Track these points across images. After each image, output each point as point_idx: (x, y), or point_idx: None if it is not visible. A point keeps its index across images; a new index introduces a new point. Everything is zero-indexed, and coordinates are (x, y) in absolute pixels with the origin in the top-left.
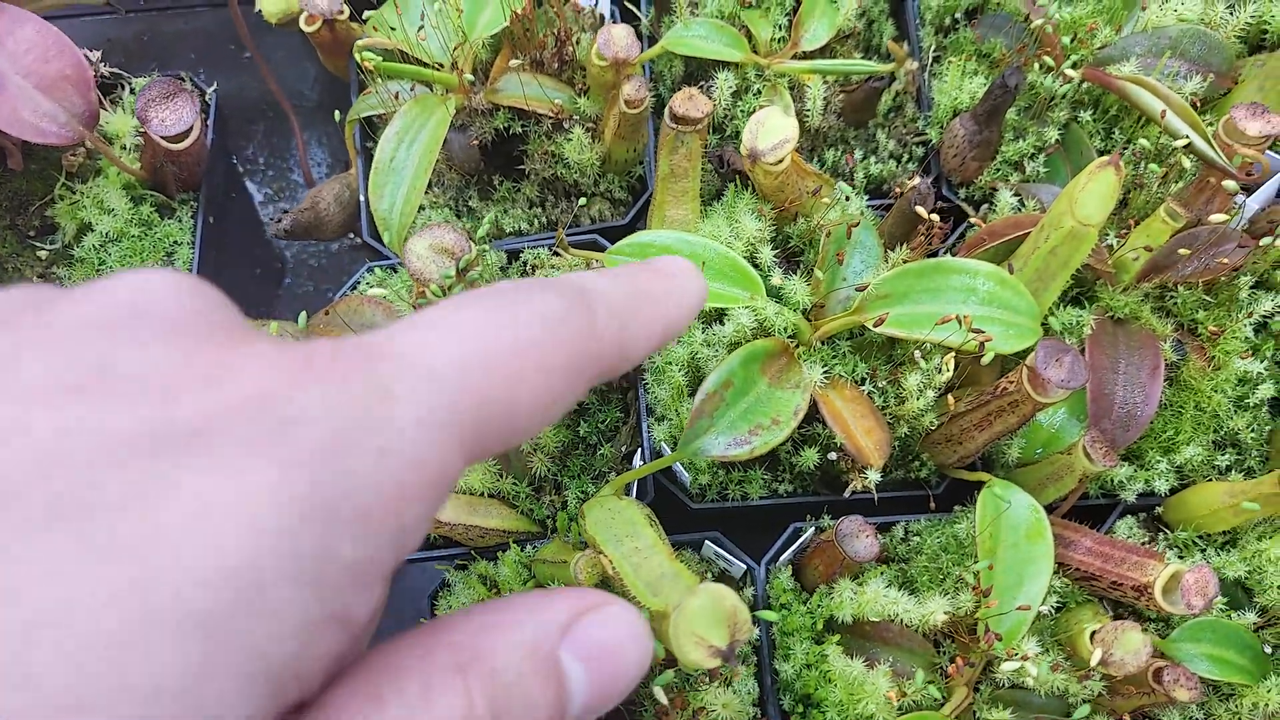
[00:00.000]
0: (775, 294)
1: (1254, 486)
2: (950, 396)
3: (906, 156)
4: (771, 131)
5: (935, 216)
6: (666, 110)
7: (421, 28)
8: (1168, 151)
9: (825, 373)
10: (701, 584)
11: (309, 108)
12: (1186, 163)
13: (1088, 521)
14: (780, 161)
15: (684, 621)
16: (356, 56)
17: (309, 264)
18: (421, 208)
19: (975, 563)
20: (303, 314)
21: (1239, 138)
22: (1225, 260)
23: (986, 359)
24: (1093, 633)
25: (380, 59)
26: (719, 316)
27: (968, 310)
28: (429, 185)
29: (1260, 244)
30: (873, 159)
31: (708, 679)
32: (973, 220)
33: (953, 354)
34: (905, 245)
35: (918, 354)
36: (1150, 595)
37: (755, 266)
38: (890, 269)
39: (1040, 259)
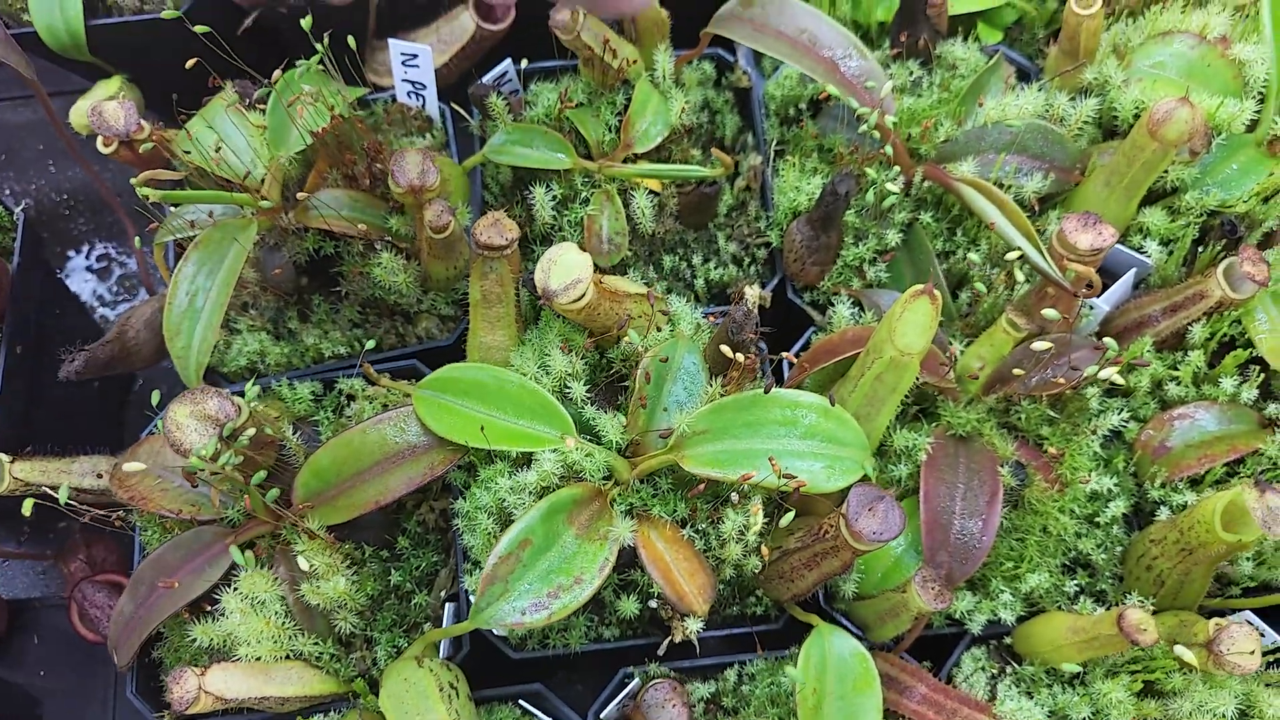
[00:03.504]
0: (589, 430)
1: (1094, 625)
2: (764, 547)
3: (749, 259)
4: (564, 270)
5: (740, 355)
6: (472, 236)
7: (219, 149)
8: (1003, 258)
9: (644, 513)
10: None
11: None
12: (1020, 274)
13: (934, 653)
14: (577, 300)
15: None
16: (137, 189)
17: (162, 365)
18: (238, 331)
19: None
20: (63, 488)
21: (1071, 251)
22: (1061, 380)
23: (785, 520)
24: None
25: (179, 184)
26: (526, 461)
27: (790, 445)
28: (245, 307)
29: (1088, 373)
30: (712, 263)
31: None
32: (818, 324)
33: (759, 505)
34: (720, 378)
35: (735, 496)
36: None
37: (568, 401)
38: (706, 402)
39: (868, 384)
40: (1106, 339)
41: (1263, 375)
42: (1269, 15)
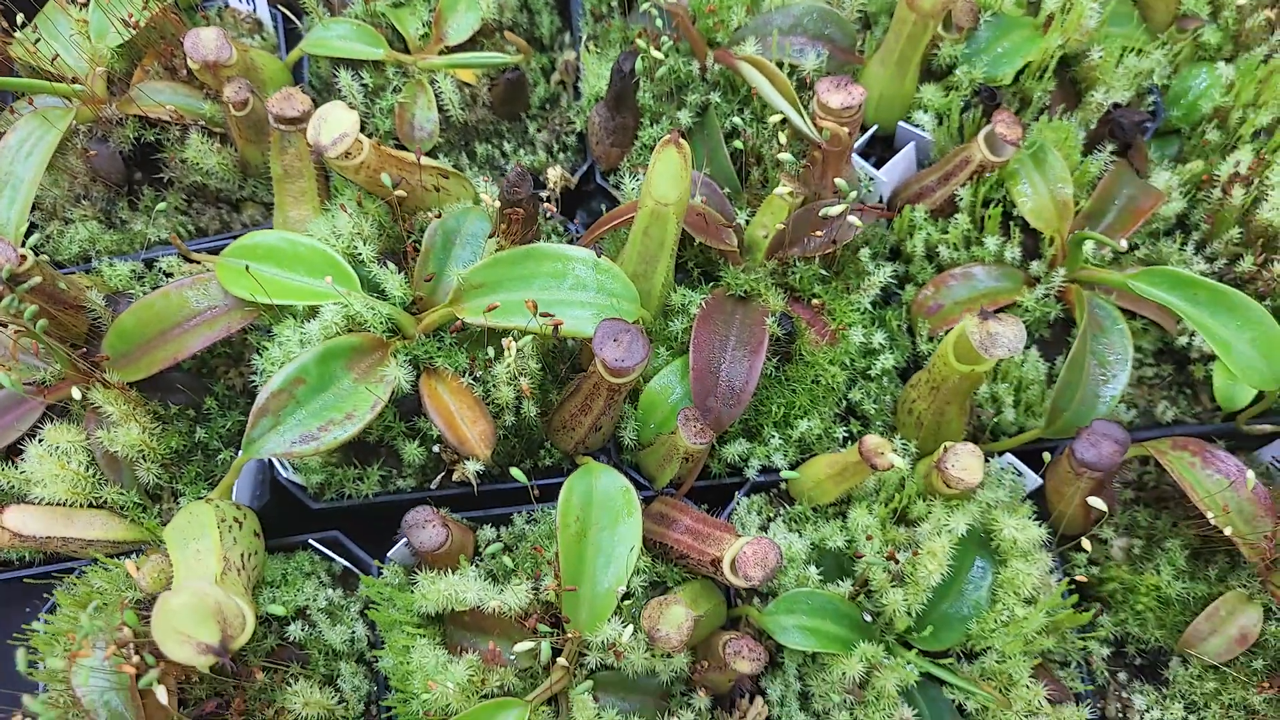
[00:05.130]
0: (377, 289)
1: (844, 456)
2: (524, 382)
3: (559, 147)
4: (333, 126)
5: (498, 204)
6: (268, 110)
7: (38, 41)
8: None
9: (429, 366)
10: (185, 581)
11: None
12: (783, 137)
13: (722, 502)
14: (348, 157)
15: (165, 619)
16: None
17: None
18: (70, 221)
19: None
20: None
21: (826, 111)
22: (821, 236)
23: (511, 350)
24: (646, 606)
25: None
26: (314, 314)
27: (561, 295)
28: (78, 199)
29: (823, 213)
30: (524, 151)
31: (294, 678)
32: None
33: (510, 339)
34: (497, 238)
35: (505, 343)
36: (720, 569)
37: (360, 263)
38: (484, 260)
39: (638, 241)
40: (838, 180)
41: (1021, 236)
42: None
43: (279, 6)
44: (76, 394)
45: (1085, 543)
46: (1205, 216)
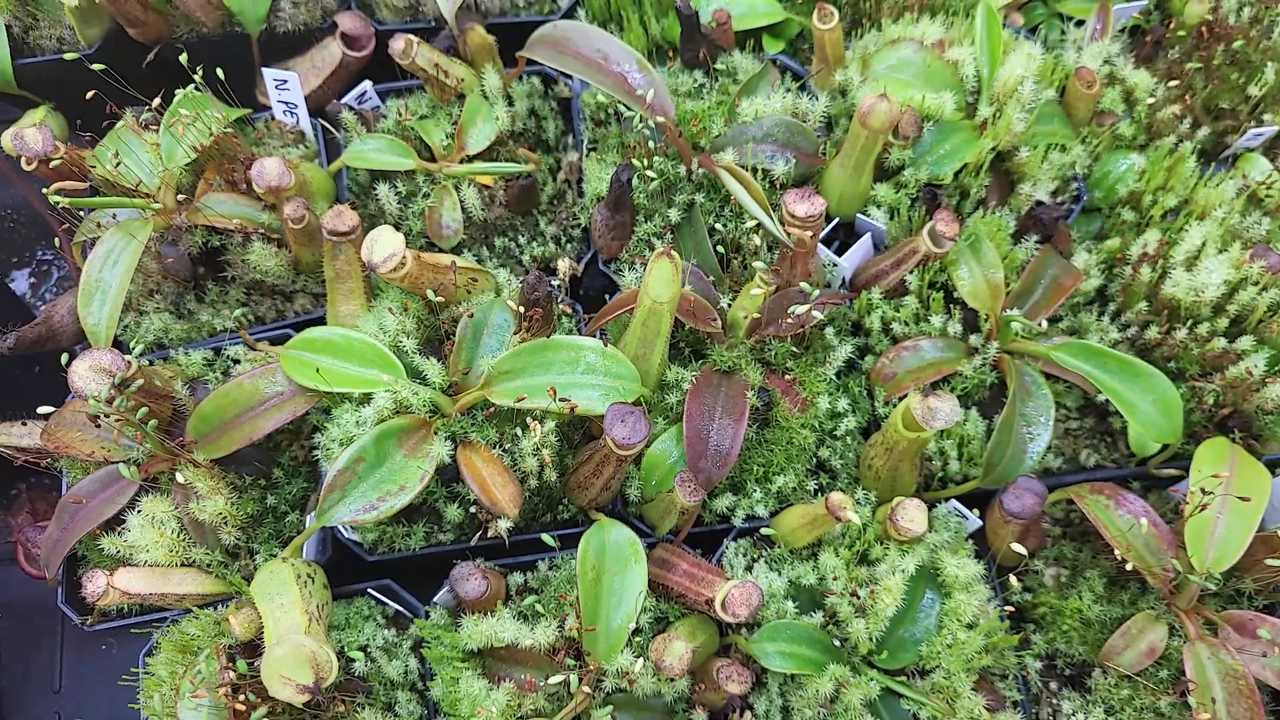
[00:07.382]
0: (419, 375)
1: (814, 509)
2: (546, 455)
3: (566, 239)
4: (383, 246)
5: (521, 308)
6: (322, 225)
7: (119, 164)
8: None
9: (465, 439)
10: (280, 633)
11: None
12: (757, 238)
13: (713, 547)
14: (395, 270)
15: (271, 665)
16: (49, 197)
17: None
18: (145, 313)
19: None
20: None
21: (793, 217)
22: (791, 320)
23: (542, 430)
24: (654, 640)
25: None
26: (367, 399)
27: (575, 379)
28: (151, 293)
29: (790, 311)
30: (536, 243)
31: (366, 705)
32: (621, 288)
33: (534, 419)
34: (522, 328)
35: (529, 422)
36: (713, 607)
37: (402, 353)
38: (509, 349)
39: (638, 330)
40: (804, 284)
41: (961, 313)
42: (982, 25)
43: (319, 119)
44: (181, 478)
45: (1013, 579)
46: (1119, 290)
